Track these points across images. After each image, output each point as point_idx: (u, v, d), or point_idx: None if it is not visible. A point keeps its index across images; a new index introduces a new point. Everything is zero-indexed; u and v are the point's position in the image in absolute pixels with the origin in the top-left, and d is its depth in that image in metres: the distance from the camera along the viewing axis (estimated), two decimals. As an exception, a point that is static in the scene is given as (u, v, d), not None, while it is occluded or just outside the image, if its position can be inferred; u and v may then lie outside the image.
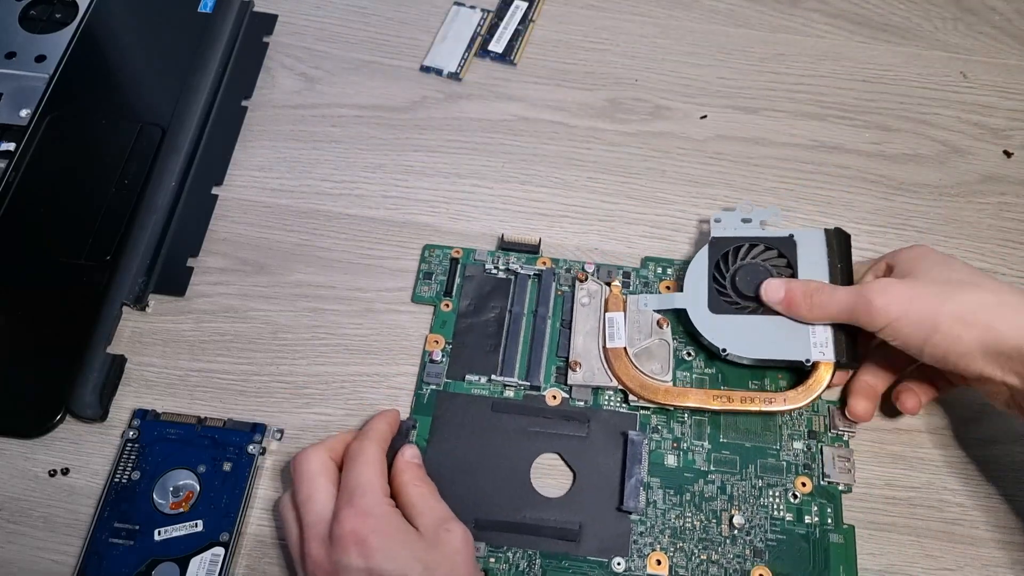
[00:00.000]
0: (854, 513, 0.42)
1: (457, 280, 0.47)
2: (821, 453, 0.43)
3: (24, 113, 0.53)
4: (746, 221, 0.46)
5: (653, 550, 0.40)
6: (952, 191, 0.51)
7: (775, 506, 0.41)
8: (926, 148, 0.53)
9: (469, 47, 0.57)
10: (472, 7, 0.58)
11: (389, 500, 0.37)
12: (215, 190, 0.51)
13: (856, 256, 0.48)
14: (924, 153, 0.53)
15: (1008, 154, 0.53)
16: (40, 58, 0.55)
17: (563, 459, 0.43)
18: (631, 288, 0.47)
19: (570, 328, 0.45)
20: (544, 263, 0.47)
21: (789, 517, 0.41)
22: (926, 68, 0.56)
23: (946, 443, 0.44)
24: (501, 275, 0.48)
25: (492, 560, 0.40)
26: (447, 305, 0.47)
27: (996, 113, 0.54)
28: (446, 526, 0.37)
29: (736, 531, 0.41)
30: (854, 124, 0.54)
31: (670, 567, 0.40)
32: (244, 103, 0.54)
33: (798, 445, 0.43)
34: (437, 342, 0.45)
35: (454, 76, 0.56)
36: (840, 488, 0.42)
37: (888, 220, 0.50)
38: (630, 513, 0.41)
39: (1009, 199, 0.51)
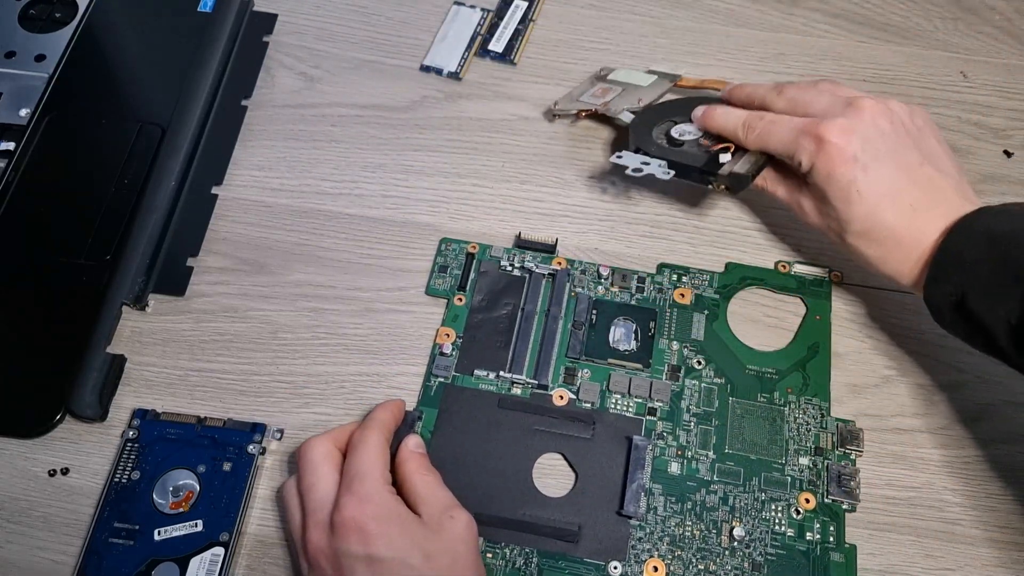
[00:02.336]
0: (854, 514, 0.42)
1: (472, 275, 0.47)
2: (827, 471, 0.42)
3: (24, 112, 0.53)
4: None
5: (651, 556, 0.40)
6: (952, 191, 0.51)
7: (777, 521, 0.41)
8: (926, 148, 0.53)
9: (469, 47, 0.57)
10: (472, 7, 0.58)
11: (390, 488, 0.37)
12: (215, 190, 0.51)
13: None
14: (924, 153, 0.53)
15: (1008, 154, 0.53)
16: (40, 57, 0.55)
17: (566, 459, 0.43)
18: (645, 292, 0.47)
19: None
20: (559, 263, 0.47)
21: (790, 533, 0.41)
22: (926, 68, 0.56)
23: (946, 443, 0.44)
24: (516, 273, 0.48)
25: (489, 556, 0.40)
26: (460, 299, 0.47)
27: (996, 113, 0.54)
28: (450, 513, 0.37)
29: (736, 543, 0.41)
30: (854, 124, 0.54)
31: (667, 574, 0.40)
32: (244, 103, 0.54)
33: (804, 461, 0.42)
34: (448, 335, 0.46)
35: (454, 76, 0.55)
36: (844, 507, 0.41)
37: (888, 220, 0.50)
38: (630, 518, 0.41)
39: (1009, 199, 0.51)
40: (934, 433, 0.44)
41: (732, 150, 0.45)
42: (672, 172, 0.45)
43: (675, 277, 0.48)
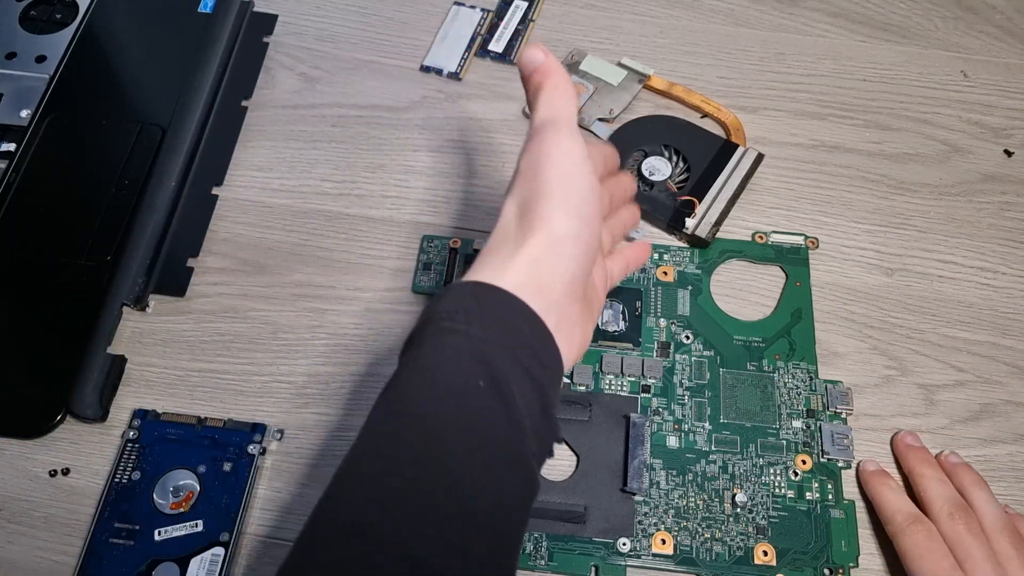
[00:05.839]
0: (850, 471, 0.42)
1: (456, 270, 0.48)
2: (820, 431, 0.43)
3: (24, 113, 0.53)
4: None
5: (658, 530, 0.41)
6: (953, 190, 0.51)
7: (776, 484, 0.42)
8: (927, 147, 0.53)
9: (469, 47, 0.57)
10: (472, 7, 0.58)
11: None
12: (215, 190, 0.51)
13: (858, 255, 0.49)
14: (925, 152, 0.53)
15: (1009, 153, 0.53)
16: (40, 58, 0.55)
17: (566, 443, 0.43)
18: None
19: None
20: None
21: (790, 494, 0.42)
22: (927, 67, 0.56)
23: (946, 443, 0.44)
24: None
25: None
26: None
27: (996, 112, 0.54)
28: None
29: (739, 509, 0.41)
30: (854, 123, 0.54)
31: (675, 546, 0.40)
32: (244, 103, 0.54)
33: (797, 424, 0.43)
34: None
35: (454, 76, 0.56)
36: (840, 465, 0.42)
37: (889, 220, 0.50)
38: (634, 494, 0.41)
39: (1010, 198, 0.51)
40: (934, 433, 0.44)
41: (695, 208, 0.48)
42: (641, 231, 0.49)
43: (656, 256, 0.48)
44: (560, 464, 0.43)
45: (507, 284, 0.31)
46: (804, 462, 0.42)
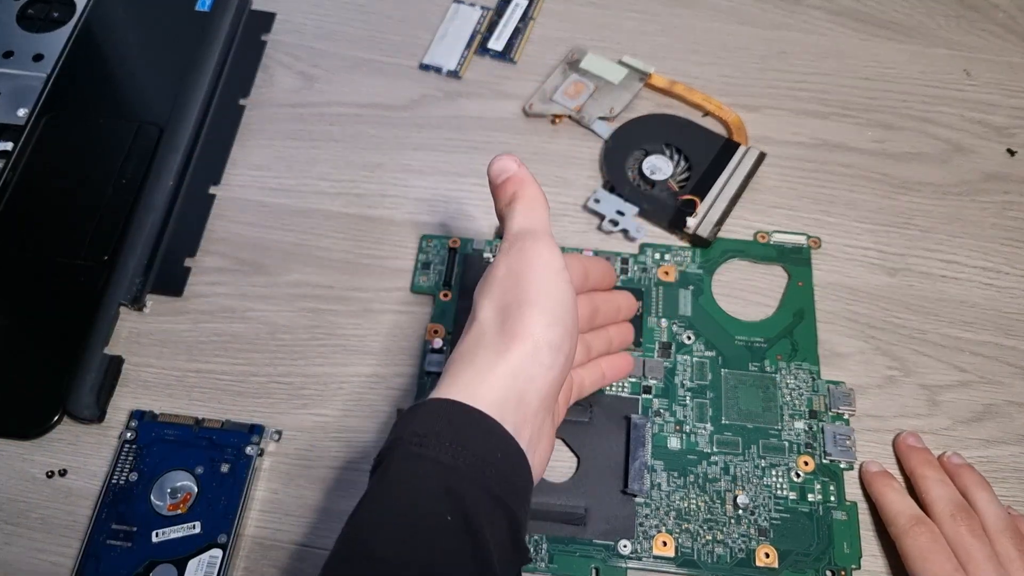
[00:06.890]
0: (852, 472, 0.42)
1: (456, 269, 0.47)
2: (822, 432, 0.43)
3: (22, 112, 0.52)
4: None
5: (659, 532, 0.41)
6: (955, 190, 0.51)
7: (778, 485, 0.42)
8: (929, 146, 0.53)
9: (469, 45, 0.56)
10: (472, 4, 0.58)
11: None
12: (213, 189, 0.51)
13: (860, 255, 0.48)
14: (927, 151, 0.52)
15: (1011, 152, 0.52)
16: (38, 57, 0.55)
17: (567, 444, 0.43)
18: (630, 273, 0.47)
19: None
20: None
21: (792, 496, 0.41)
22: (929, 66, 0.56)
23: (949, 444, 0.43)
24: None
25: None
26: (446, 295, 0.47)
27: (999, 111, 0.54)
28: None
29: (740, 511, 0.41)
30: (857, 122, 0.54)
31: (676, 548, 0.40)
32: (242, 102, 0.54)
33: (799, 425, 0.43)
34: (437, 332, 0.45)
35: (454, 74, 0.55)
36: (842, 466, 0.42)
37: (891, 219, 0.50)
38: (635, 496, 0.41)
39: (1012, 198, 0.51)
40: (937, 434, 0.44)
41: (696, 207, 0.48)
42: (642, 231, 0.49)
43: (657, 256, 0.48)
44: (560, 466, 0.43)
45: (486, 399, 0.31)
46: (806, 463, 0.42)
